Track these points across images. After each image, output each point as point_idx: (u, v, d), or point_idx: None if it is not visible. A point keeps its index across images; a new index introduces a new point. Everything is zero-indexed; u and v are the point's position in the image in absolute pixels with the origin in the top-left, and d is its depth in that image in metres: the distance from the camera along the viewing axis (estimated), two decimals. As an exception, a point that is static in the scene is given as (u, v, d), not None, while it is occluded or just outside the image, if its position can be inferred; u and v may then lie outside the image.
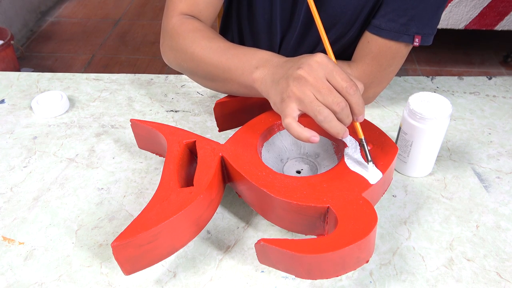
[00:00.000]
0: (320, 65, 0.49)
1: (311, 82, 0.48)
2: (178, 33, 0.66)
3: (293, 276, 0.51)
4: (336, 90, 0.48)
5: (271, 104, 0.53)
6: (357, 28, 0.72)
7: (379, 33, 0.68)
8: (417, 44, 0.68)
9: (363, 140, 0.53)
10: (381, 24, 0.68)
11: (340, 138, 0.49)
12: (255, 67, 0.56)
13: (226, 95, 0.64)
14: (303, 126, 0.49)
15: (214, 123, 0.73)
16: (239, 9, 0.80)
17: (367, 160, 0.52)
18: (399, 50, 0.69)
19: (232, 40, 0.85)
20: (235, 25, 0.84)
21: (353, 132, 0.56)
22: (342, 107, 0.48)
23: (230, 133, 0.69)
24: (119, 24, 2.62)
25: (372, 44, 0.70)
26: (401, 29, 0.67)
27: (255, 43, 0.80)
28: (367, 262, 0.46)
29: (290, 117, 0.49)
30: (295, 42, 0.76)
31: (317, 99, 0.48)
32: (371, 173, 0.51)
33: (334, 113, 0.48)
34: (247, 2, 0.76)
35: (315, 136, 0.48)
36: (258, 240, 0.45)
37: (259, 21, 0.76)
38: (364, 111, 0.50)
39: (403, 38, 0.67)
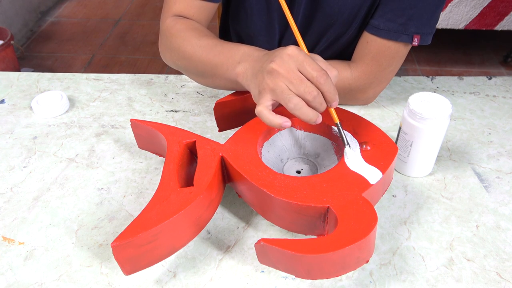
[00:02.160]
0: (291, 57, 0.51)
1: (283, 74, 0.50)
2: (172, 33, 0.69)
3: (293, 276, 0.51)
4: (308, 80, 0.50)
5: (252, 97, 0.55)
6: (356, 28, 0.72)
7: (377, 33, 0.68)
8: (416, 43, 0.68)
9: (339, 125, 0.54)
10: (380, 24, 0.68)
11: (313, 124, 0.51)
12: (238, 62, 0.58)
13: (227, 95, 0.64)
14: (274, 114, 0.51)
15: (214, 123, 0.73)
16: (237, 12, 0.80)
17: (343, 144, 0.54)
18: (398, 50, 0.69)
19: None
20: (234, 28, 0.84)
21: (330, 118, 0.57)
22: (314, 96, 0.50)
23: (230, 133, 0.69)
24: (119, 24, 2.62)
25: (371, 44, 0.70)
26: (400, 29, 0.67)
27: (254, 45, 0.80)
28: (367, 262, 0.46)
29: (262, 105, 0.51)
30: (294, 43, 0.77)
31: (289, 89, 0.50)
32: (370, 172, 0.51)
33: (307, 101, 0.50)
34: (244, 5, 0.76)
35: (286, 122, 0.51)
36: (258, 240, 0.45)
37: (257, 23, 0.76)
38: (337, 98, 0.51)
39: (402, 38, 0.67)
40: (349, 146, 0.54)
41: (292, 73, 0.50)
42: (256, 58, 0.56)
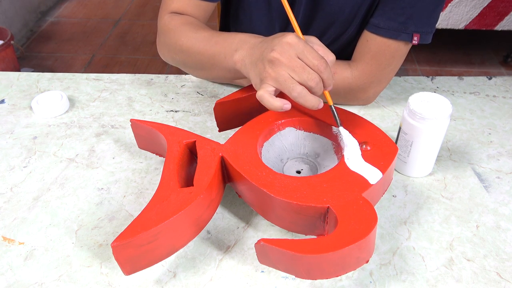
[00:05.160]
0: (291, 45, 0.51)
1: (285, 63, 0.51)
2: (169, 28, 0.69)
3: (293, 276, 0.51)
4: (309, 67, 0.51)
5: (253, 85, 0.56)
6: (356, 26, 0.72)
7: (377, 32, 0.68)
8: (416, 42, 0.68)
9: (333, 107, 0.56)
10: (380, 23, 0.68)
11: (315, 109, 0.52)
12: (235, 49, 0.58)
13: (225, 95, 0.64)
14: (275, 97, 0.52)
15: (214, 123, 0.73)
16: (236, 12, 0.80)
17: (337, 124, 0.56)
18: (398, 49, 0.69)
19: None
20: (234, 28, 0.84)
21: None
22: (316, 82, 0.51)
23: (230, 133, 0.69)
24: (119, 24, 2.62)
25: (371, 43, 0.70)
26: (400, 27, 0.67)
27: None
28: (367, 262, 0.46)
29: (263, 89, 0.52)
30: None
31: (292, 77, 0.51)
32: (370, 172, 0.51)
33: (310, 88, 0.51)
34: (243, 5, 0.76)
35: (286, 104, 0.52)
36: (258, 240, 0.45)
37: (258, 23, 0.76)
38: (332, 82, 0.53)
39: (402, 36, 0.67)
40: (341, 126, 0.56)
41: (294, 61, 0.51)
42: (253, 45, 0.57)
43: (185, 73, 0.86)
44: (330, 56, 0.54)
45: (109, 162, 0.67)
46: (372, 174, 0.51)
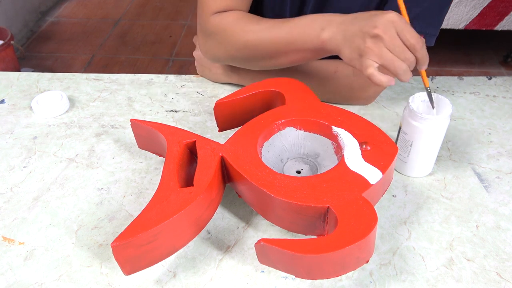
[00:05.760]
0: (393, 23, 0.54)
1: (387, 40, 0.54)
2: (223, 28, 0.68)
3: (293, 276, 0.51)
4: (406, 46, 0.54)
5: (345, 59, 0.59)
6: None
7: None
8: None
9: (429, 89, 0.59)
10: None
11: (405, 80, 0.56)
12: (321, 29, 0.60)
13: (228, 94, 0.64)
14: (382, 74, 0.55)
15: (214, 123, 0.73)
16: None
17: (432, 106, 0.59)
18: None
19: None
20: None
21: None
22: (411, 62, 0.55)
23: (230, 133, 0.69)
24: (119, 24, 2.62)
25: None
26: None
27: None
28: (367, 262, 0.46)
29: (372, 67, 0.55)
30: None
31: (394, 55, 0.54)
32: (370, 172, 0.51)
33: None
34: None
35: (392, 80, 0.56)
36: (258, 240, 0.45)
37: (268, 16, 0.76)
38: (427, 62, 0.56)
39: None
40: (434, 108, 0.59)
41: (395, 40, 0.54)
42: (342, 22, 0.59)
43: (185, 73, 0.86)
44: (422, 41, 0.56)
45: (109, 162, 0.67)
46: (372, 174, 0.51)
